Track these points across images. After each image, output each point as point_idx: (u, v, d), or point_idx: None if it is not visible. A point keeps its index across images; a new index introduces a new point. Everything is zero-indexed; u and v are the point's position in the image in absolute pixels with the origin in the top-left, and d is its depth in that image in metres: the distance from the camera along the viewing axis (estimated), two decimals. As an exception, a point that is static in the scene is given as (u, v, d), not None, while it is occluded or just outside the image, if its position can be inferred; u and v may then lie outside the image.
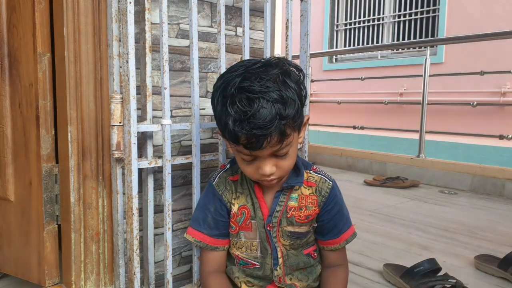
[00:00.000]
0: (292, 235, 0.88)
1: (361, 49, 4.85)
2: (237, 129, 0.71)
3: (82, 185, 1.04)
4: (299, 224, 0.87)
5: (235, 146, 0.77)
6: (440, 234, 1.85)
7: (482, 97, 3.73)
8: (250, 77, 0.73)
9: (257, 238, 0.89)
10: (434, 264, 1.29)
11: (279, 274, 0.89)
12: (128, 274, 0.99)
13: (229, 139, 0.75)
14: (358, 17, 5.08)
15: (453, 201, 2.56)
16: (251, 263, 0.90)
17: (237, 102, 0.71)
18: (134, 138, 0.92)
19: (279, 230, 0.87)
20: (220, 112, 0.75)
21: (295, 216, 0.87)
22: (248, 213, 0.88)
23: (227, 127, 0.73)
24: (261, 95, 0.70)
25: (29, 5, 1.05)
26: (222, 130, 0.77)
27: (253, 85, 0.71)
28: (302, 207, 0.87)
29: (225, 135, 0.76)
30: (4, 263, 1.21)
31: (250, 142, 0.72)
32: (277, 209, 0.86)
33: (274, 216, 0.86)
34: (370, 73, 4.56)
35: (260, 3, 1.30)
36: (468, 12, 3.91)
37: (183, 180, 1.17)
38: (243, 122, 0.70)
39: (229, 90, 0.73)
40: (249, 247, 0.90)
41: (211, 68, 1.21)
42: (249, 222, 0.88)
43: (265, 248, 0.89)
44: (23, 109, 1.11)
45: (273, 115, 0.70)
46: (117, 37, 0.98)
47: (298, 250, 0.91)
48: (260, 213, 0.87)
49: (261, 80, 0.72)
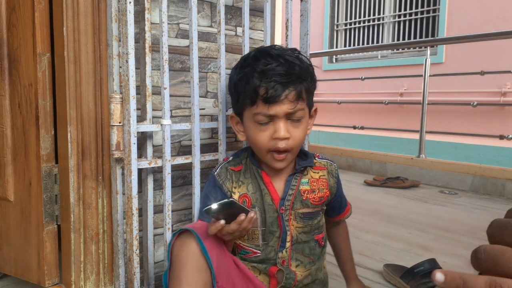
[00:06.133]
0: (305, 216, 0.92)
1: (361, 49, 4.85)
2: (258, 80, 0.80)
3: (81, 185, 1.04)
4: (313, 206, 0.92)
5: (253, 108, 0.83)
6: (440, 234, 1.85)
7: (482, 97, 3.73)
8: (267, 48, 0.87)
9: (259, 226, 0.90)
10: (434, 264, 1.29)
11: (283, 257, 0.90)
12: (128, 274, 0.99)
13: (249, 95, 0.82)
14: (358, 17, 5.08)
15: (453, 201, 2.56)
16: (252, 251, 0.91)
17: (260, 59, 0.82)
18: (133, 138, 0.92)
19: (291, 213, 0.90)
20: (240, 75, 0.85)
21: (310, 198, 0.92)
22: (248, 201, 0.90)
23: (248, 83, 0.82)
24: (281, 54, 0.83)
25: (29, 5, 1.05)
26: (241, 91, 0.84)
27: (273, 49, 0.85)
28: (315, 190, 0.93)
29: (245, 94, 0.83)
30: (4, 263, 1.21)
31: (270, 93, 0.80)
32: (290, 192, 0.90)
33: (286, 199, 0.89)
34: (370, 73, 4.56)
35: (260, 3, 1.29)
36: (468, 12, 3.91)
37: (183, 180, 1.17)
38: (265, 73, 0.80)
39: (250, 56, 0.85)
40: (251, 236, 0.91)
41: (211, 68, 1.21)
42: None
43: (271, 232, 0.90)
44: (22, 109, 1.10)
45: (291, 69, 0.82)
46: (117, 37, 0.98)
47: (309, 235, 0.93)
48: (270, 198, 0.89)
49: (279, 49, 0.86)
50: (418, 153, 3.26)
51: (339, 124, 4.66)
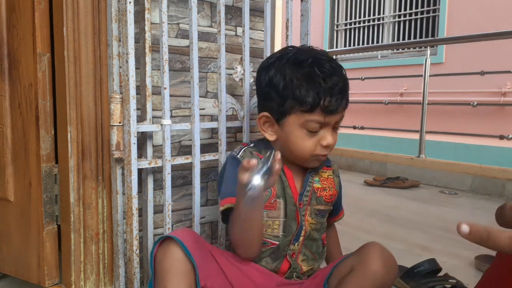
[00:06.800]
0: (319, 213, 0.95)
1: (361, 49, 4.85)
2: (324, 92, 0.80)
3: (81, 185, 1.04)
4: (326, 203, 0.95)
5: (306, 114, 0.82)
6: (440, 235, 1.85)
7: (482, 97, 3.73)
8: (308, 49, 0.86)
9: (281, 216, 0.90)
10: (434, 265, 1.29)
11: (294, 249, 0.92)
12: (128, 274, 0.99)
13: (309, 103, 0.81)
14: (358, 17, 5.08)
15: (453, 201, 2.56)
16: (270, 242, 0.91)
17: (319, 67, 0.81)
18: (133, 138, 0.92)
19: (308, 208, 0.92)
20: (296, 81, 0.82)
21: (323, 196, 0.95)
22: (274, 191, 0.89)
23: (308, 91, 0.80)
24: (334, 62, 0.83)
25: (29, 5, 1.05)
26: (296, 97, 0.82)
27: (324, 55, 0.84)
28: (325, 188, 0.95)
29: (301, 100, 0.81)
30: (4, 263, 1.21)
31: (333, 105, 0.81)
32: (307, 188, 0.92)
33: (304, 195, 0.92)
34: (370, 73, 4.56)
35: (260, 3, 1.29)
36: (468, 12, 3.91)
37: (183, 180, 1.17)
38: (330, 85, 0.81)
39: (306, 60, 0.82)
40: (271, 226, 0.90)
41: (211, 68, 1.21)
42: (274, 201, 0.90)
43: (290, 226, 0.91)
44: (22, 109, 1.10)
45: (347, 81, 0.84)
46: (117, 37, 0.98)
47: (319, 233, 0.96)
48: (290, 191, 0.90)
49: (328, 55, 0.85)
50: (418, 153, 3.26)
51: (339, 124, 4.65)
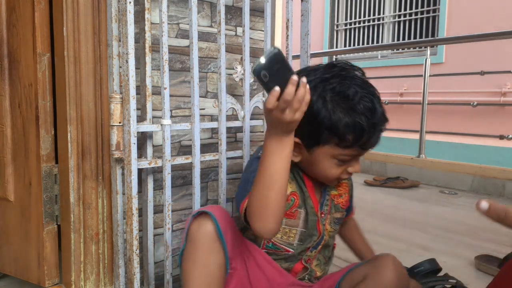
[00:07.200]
0: (337, 221, 0.95)
1: (361, 49, 4.85)
2: (368, 132, 0.77)
3: (81, 185, 1.04)
4: (342, 210, 0.95)
5: (341, 148, 0.78)
6: (440, 234, 1.85)
7: (482, 97, 3.73)
8: (353, 78, 0.79)
9: (299, 226, 0.89)
10: (434, 264, 1.29)
11: (310, 256, 0.92)
12: (128, 275, 0.99)
13: (348, 140, 0.77)
14: (358, 17, 5.08)
15: (453, 201, 2.56)
16: (284, 248, 0.89)
17: (366, 103, 0.77)
18: (133, 138, 0.92)
19: (328, 217, 0.92)
20: (339, 115, 0.76)
21: (340, 203, 0.95)
22: (296, 200, 0.88)
23: (352, 129, 0.76)
24: (375, 97, 0.79)
25: (29, 5, 1.05)
26: (337, 134, 0.77)
27: (368, 87, 0.79)
28: (341, 194, 0.95)
29: (339, 135, 0.77)
30: (4, 263, 1.21)
31: (372, 143, 0.80)
32: (326, 197, 0.92)
33: (324, 204, 0.91)
34: (370, 73, 4.51)
35: (260, 3, 1.29)
36: (468, 12, 3.91)
37: (183, 180, 1.17)
38: (369, 122, 0.77)
39: (352, 95, 0.76)
40: (287, 234, 0.89)
41: (211, 68, 1.21)
42: (296, 211, 0.88)
43: (310, 235, 0.89)
44: (22, 109, 1.10)
45: (385, 115, 0.81)
46: (117, 37, 0.98)
47: (333, 239, 0.97)
48: (311, 201, 0.89)
49: (366, 82, 0.80)
50: (418, 153, 3.26)
51: (339, 124, 4.65)
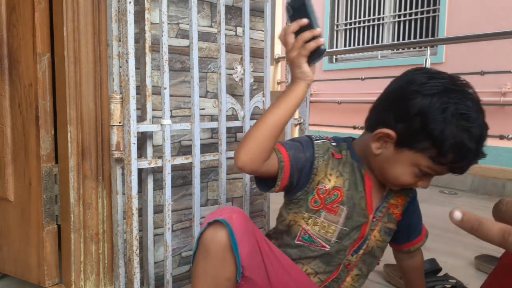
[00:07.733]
0: (388, 231, 0.92)
1: (361, 49, 4.85)
2: (467, 155, 0.76)
3: (81, 185, 1.04)
4: (394, 221, 0.92)
5: (433, 164, 0.77)
6: (440, 234, 1.85)
7: (482, 97, 3.66)
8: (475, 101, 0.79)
9: (339, 223, 0.85)
10: (434, 264, 1.29)
11: (351, 261, 0.88)
12: (128, 275, 0.99)
13: (447, 160, 0.76)
14: (358, 17, 5.08)
15: (453, 201, 2.56)
16: (320, 243, 0.86)
17: (480, 130, 0.76)
18: (133, 138, 0.92)
19: (378, 224, 0.89)
20: (450, 133, 0.75)
21: (394, 214, 0.91)
22: (340, 196, 0.84)
23: (456, 150, 0.75)
24: (487, 128, 0.78)
25: (29, 5, 1.05)
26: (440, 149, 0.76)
27: (484, 116, 0.78)
28: (398, 205, 0.92)
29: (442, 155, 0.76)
30: (4, 263, 1.21)
31: (463, 166, 0.79)
32: (384, 204, 0.89)
33: (380, 210, 0.89)
34: (370, 73, 4.55)
35: (260, 3, 1.29)
36: (468, 12, 3.91)
37: (183, 180, 1.17)
38: (474, 149, 0.76)
39: (472, 118, 0.76)
40: (325, 228, 0.86)
41: (211, 68, 1.21)
42: (337, 206, 0.84)
43: (349, 235, 0.86)
44: (22, 109, 1.10)
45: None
46: (117, 37, 0.98)
47: (381, 251, 0.93)
48: (364, 203, 0.86)
49: (483, 111, 0.79)
50: (418, 153, 3.25)
51: (339, 124, 4.65)
